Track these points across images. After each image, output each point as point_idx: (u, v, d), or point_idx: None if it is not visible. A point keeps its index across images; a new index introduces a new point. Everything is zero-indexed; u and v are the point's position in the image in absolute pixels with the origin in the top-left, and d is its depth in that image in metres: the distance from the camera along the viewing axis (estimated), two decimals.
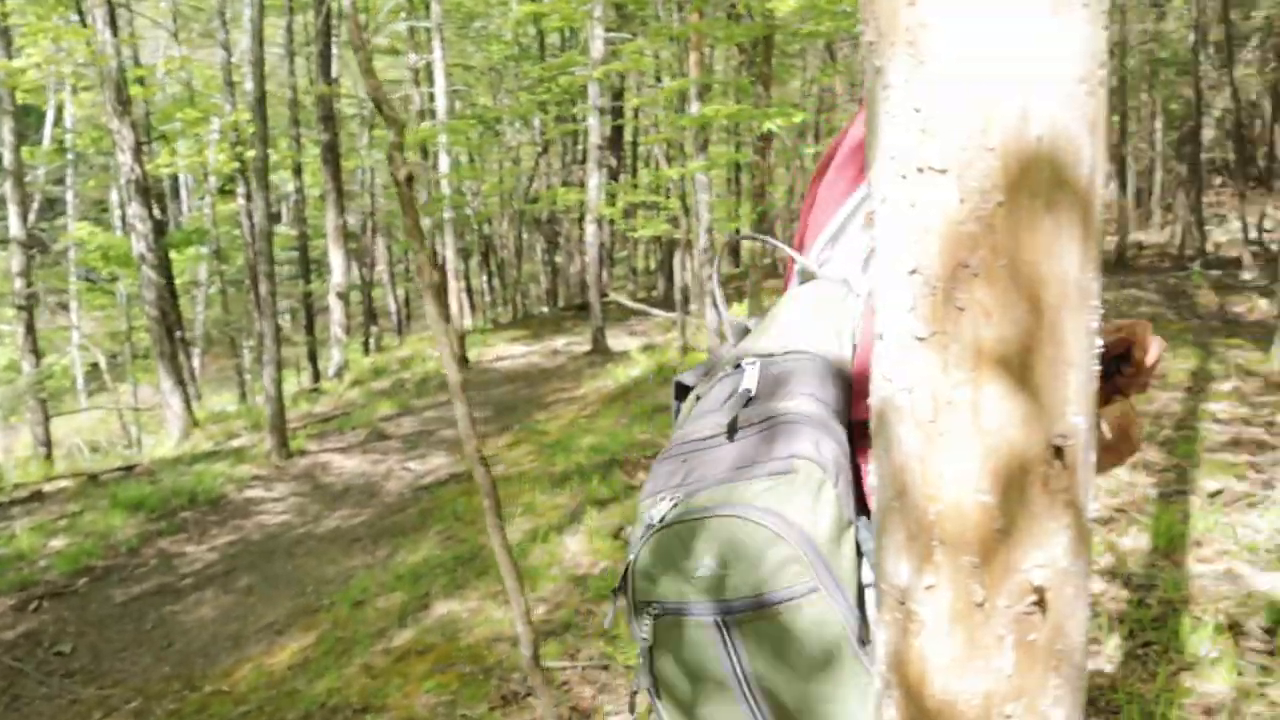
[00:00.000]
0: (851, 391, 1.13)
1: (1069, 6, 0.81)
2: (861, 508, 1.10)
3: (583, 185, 14.30)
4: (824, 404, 1.09)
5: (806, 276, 1.24)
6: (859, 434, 1.10)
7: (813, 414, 1.08)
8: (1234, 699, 3.20)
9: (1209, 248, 17.89)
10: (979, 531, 0.91)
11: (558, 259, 25.32)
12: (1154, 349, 1.20)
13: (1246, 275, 14.50)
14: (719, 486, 1.07)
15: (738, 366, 1.18)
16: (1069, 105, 0.82)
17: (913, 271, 0.88)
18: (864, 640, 1.04)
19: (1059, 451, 0.89)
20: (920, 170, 0.85)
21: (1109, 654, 3.53)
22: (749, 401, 1.12)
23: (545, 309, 24.14)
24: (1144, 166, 28.14)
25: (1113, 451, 1.18)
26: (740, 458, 1.08)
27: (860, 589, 1.05)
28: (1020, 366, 0.86)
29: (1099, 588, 4.09)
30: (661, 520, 1.09)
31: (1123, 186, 20.02)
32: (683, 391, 1.28)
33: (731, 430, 1.11)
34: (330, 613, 6.04)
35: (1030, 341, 0.86)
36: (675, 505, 1.10)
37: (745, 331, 1.27)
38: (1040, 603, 0.94)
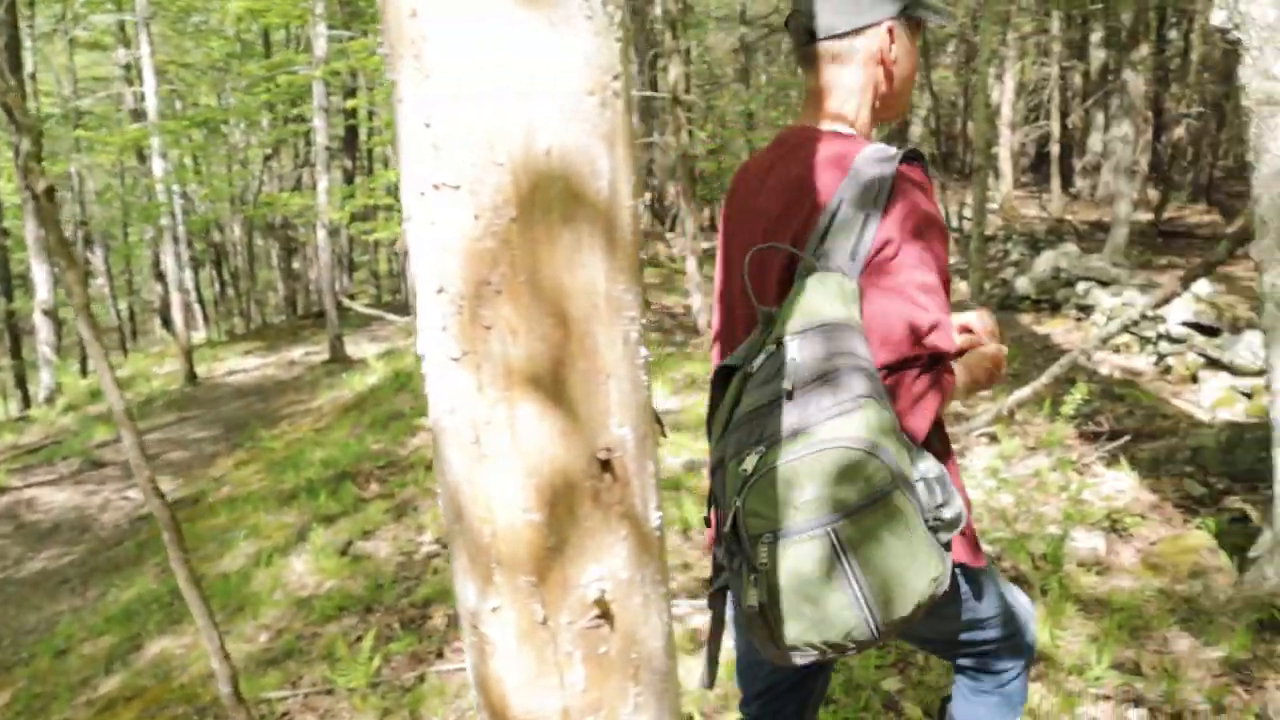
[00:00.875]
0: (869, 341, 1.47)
1: (568, 19, 0.80)
2: None
3: (314, 188, 13.75)
4: (859, 356, 1.41)
5: (809, 269, 1.51)
6: (890, 372, 1.49)
7: (856, 365, 1.40)
8: None
9: None
10: (532, 551, 0.90)
11: (295, 265, 24.23)
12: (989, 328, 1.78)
13: (951, 260, 15.83)
14: (801, 433, 1.38)
15: (779, 345, 1.46)
16: (578, 118, 0.82)
17: (439, 290, 0.85)
18: (924, 513, 1.42)
19: (606, 464, 0.89)
20: (436, 187, 0.82)
21: None
22: (798, 364, 1.41)
23: (283, 318, 23.04)
24: None
25: (986, 384, 1.72)
26: (813, 410, 1.38)
27: (912, 478, 1.42)
28: (553, 382, 0.85)
29: None
30: (755, 470, 1.39)
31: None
32: (724, 375, 1.58)
33: (790, 393, 1.40)
34: (29, 666, 5.47)
35: (561, 356, 0.85)
36: (760, 457, 1.39)
37: (769, 318, 1.53)
38: (605, 615, 0.94)
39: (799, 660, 1.43)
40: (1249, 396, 6.12)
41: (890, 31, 1.65)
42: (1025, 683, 1.96)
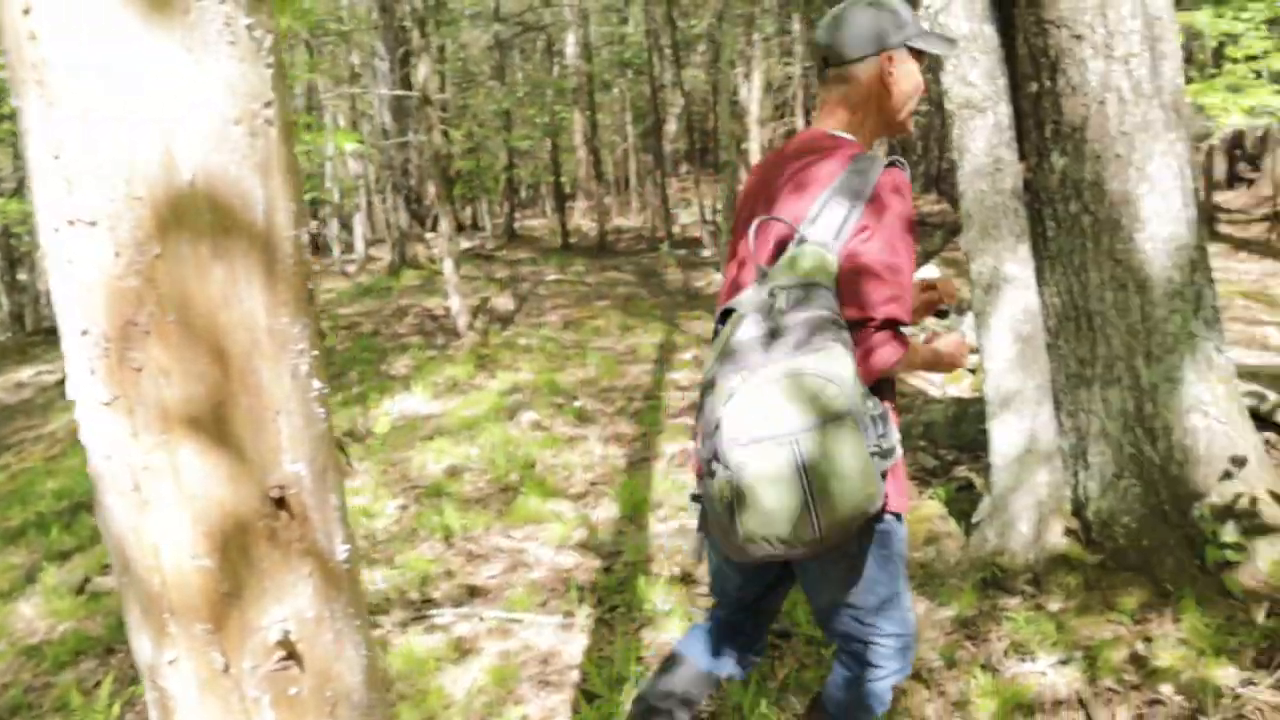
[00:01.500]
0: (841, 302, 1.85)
1: (207, 45, 0.77)
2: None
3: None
4: (833, 310, 1.81)
5: (801, 241, 1.90)
6: (853, 327, 1.84)
7: (829, 316, 1.79)
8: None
9: (676, 230, 19.99)
10: (206, 597, 0.86)
11: (20, 276, 22.07)
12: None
13: (706, 252, 16.46)
14: (779, 363, 1.75)
15: (771, 295, 1.83)
16: (225, 147, 0.79)
17: (84, 332, 0.80)
18: (868, 438, 1.76)
19: (281, 502, 0.87)
20: (71, 223, 0.77)
21: (582, 624, 3.78)
22: (783, 314, 1.79)
23: (8, 335, 20.94)
24: (619, 157, 30.73)
25: (948, 365, 2.15)
26: (792, 346, 1.76)
27: (862, 412, 1.75)
28: (215, 423, 0.82)
29: (572, 561, 4.39)
30: (740, 389, 1.75)
31: (599, 177, 21.74)
32: (726, 315, 1.93)
33: (774, 334, 1.78)
34: None
35: (222, 395, 0.82)
36: (745, 380, 1.75)
37: (764, 274, 1.89)
38: (293, 656, 0.91)
39: (755, 554, 1.79)
40: (974, 373, 6.70)
41: (889, 59, 2.05)
42: (891, 693, 2.23)
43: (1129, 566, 3.42)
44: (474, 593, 4.18)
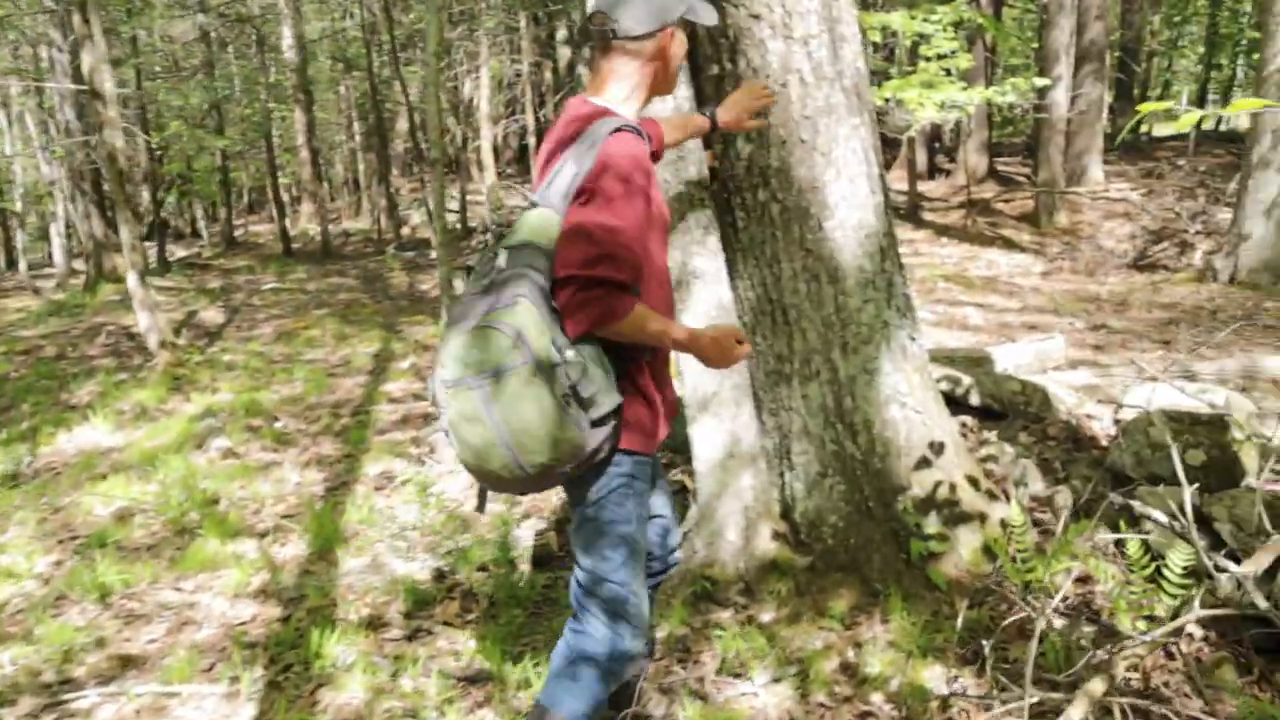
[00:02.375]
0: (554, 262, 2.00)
1: None
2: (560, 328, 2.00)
3: None
4: (538, 270, 1.98)
5: (531, 204, 2.08)
6: (557, 286, 1.98)
7: (529, 276, 1.97)
8: (367, 701, 3.13)
9: (406, 231, 19.23)
10: None
11: None
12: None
13: (435, 254, 15.85)
14: (483, 316, 1.95)
15: (494, 254, 2.06)
16: None
17: None
18: (553, 387, 1.92)
19: None
20: None
21: (249, 691, 3.25)
22: (501, 271, 2.01)
23: None
24: (347, 157, 29.41)
25: (708, 350, 2.18)
26: (494, 299, 1.96)
27: (552, 364, 1.92)
28: None
29: (250, 612, 3.83)
30: (453, 333, 2.00)
31: (320, 179, 20.56)
32: (470, 270, 2.15)
33: (488, 288, 2.00)
34: None
35: None
36: (455, 332, 2.00)
37: (499, 235, 2.09)
38: None
39: (485, 483, 2.12)
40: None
41: (670, 34, 2.15)
42: (602, 678, 2.25)
43: (839, 567, 3.29)
44: (127, 664, 3.54)
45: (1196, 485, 3.00)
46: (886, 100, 10.56)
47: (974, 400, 4.05)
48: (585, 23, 2.23)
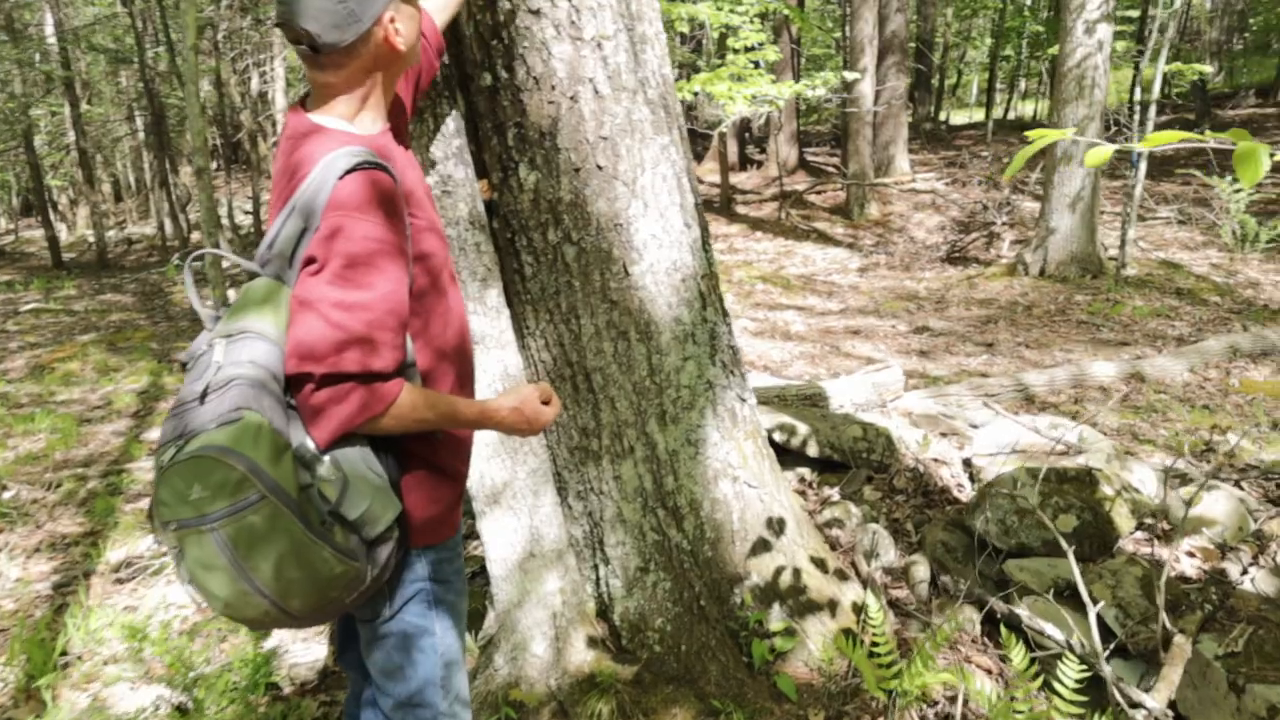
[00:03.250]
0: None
1: None
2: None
3: None
4: (264, 367, 1.54)
5: (251, 273, 1.64)
6: (292, 384, 1.57)
7: (254, 376, 1.52)
8: None
9: (195, 237, 17.68)
10: None
11: None
12: None
13: (226, 263, 14.50)
14: (197, 435, 1.48)
15: (210, 345, 1.59)
16: None
17: None
18: (307, 518, 1.52)
19: None
20: None
21: None
22: (219, 369, 1.54)
23: None
24: (131, 156, 27.08)
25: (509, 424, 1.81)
26: (211, 413, 1.49)
27: (300, 488, 1.53)
28: None
29: None
30: (169, 461, 1.50)
31: (91, 181, 18.59)
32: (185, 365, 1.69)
33: (204, 395, 1.52)
34: None
35: None
36: (175, 452, 1.49)
37: (218, 319, 1.65)
38: None
39: (251, 627, 1.81)
40: None
41: (390, 18, 1.67)
42: None
43: (669, 678, 2.72)
44: None
45: (1072, 550, 2.58)
46: (695, 94, 10.18)
47: (811, 450, 3.58)
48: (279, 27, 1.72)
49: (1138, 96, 8.93)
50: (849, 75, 11.45)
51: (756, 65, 11.18)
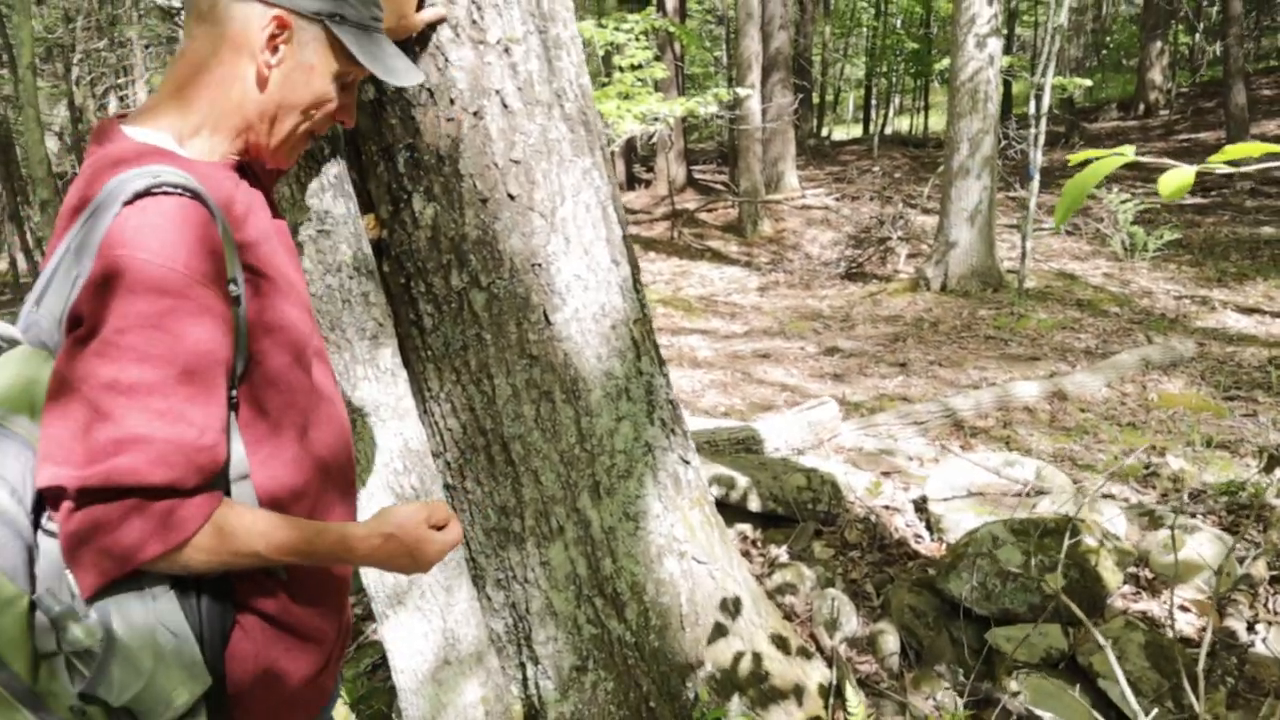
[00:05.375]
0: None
1: None
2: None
3: None
4: (15, 472, 1.09)
5: (12, 342, 1.18)
6: (48, 502, 1.09)
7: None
8: None
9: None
10: None
11: None
12: None
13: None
14: None
15: None
16: None
17: None
18: (42, 706, 1.07)
19: None
20: None
21: None
22: None
23: None
24: None
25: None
26: None
27: (37, 658, 1.07)
28: None
29: None
30: None
31: None
32: None
33: None
34: None
35: None
36: None
37: None
38: None
39: None
40: None
41: (281, 24, 1.21)
42: None
43: None
44: None
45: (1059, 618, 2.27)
46: None
47: (753, 504, 3.21)
48: None
49: (1031, 110, 8.94)
50: (741, 91, 11.27)
51: (644, 83, 10.91)
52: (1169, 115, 19.53)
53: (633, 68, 10.39)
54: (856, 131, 29.35)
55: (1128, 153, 1.15)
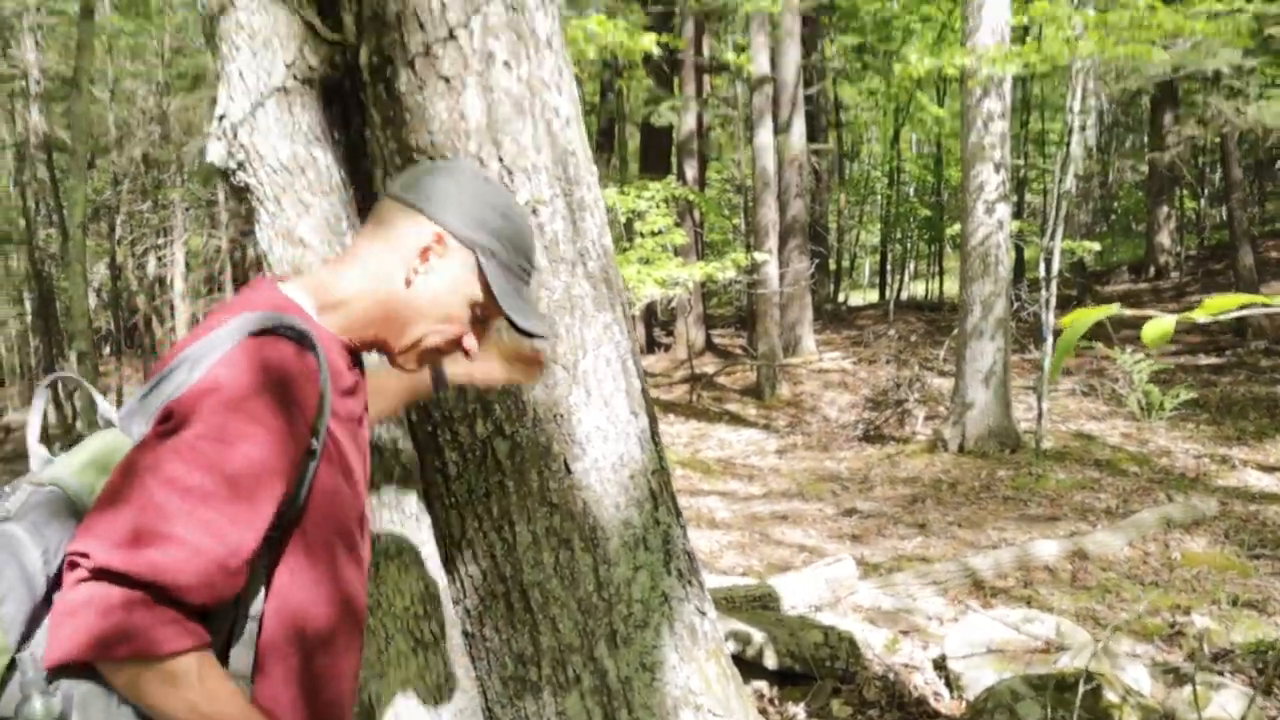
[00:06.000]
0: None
1: None
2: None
3: None
4: (43, 534, 1.16)
5: (108, 424, 1.28)
6: (67, 563, 1.11)
7: (17, 537, 1.15)
8: None
9: (80, 425, 16.75)
10: None
11: None
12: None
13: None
14: None
15: (14, 490, 1.22)
16: None
17: None
18: None
19: None
20: None
21: None
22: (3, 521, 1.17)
23: None
24: (15, 340, 26.10)
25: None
26: None
27: None
28: None
29: None
30: None
31: None
32: None
33: None
34: None
35: None
36: None
37: (46, 463, 1.28)
38: None
39: None
40: None
41: (439, 239, 1.36)
42: None
43: None
44: None
45: None
46: None
47: (769, 662, 3.17)
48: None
49: (1041, 273, 9.16)
50: (759, 256, 11.61)
51: (664, 248, 11.27)
52: (1179, 278, 19.88)
53: (653, 234, 10.75)
54: (873, 296, 29.90)
55: (1113, 309, 1.24)
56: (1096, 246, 10.95)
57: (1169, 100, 18.79)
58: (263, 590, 1.24)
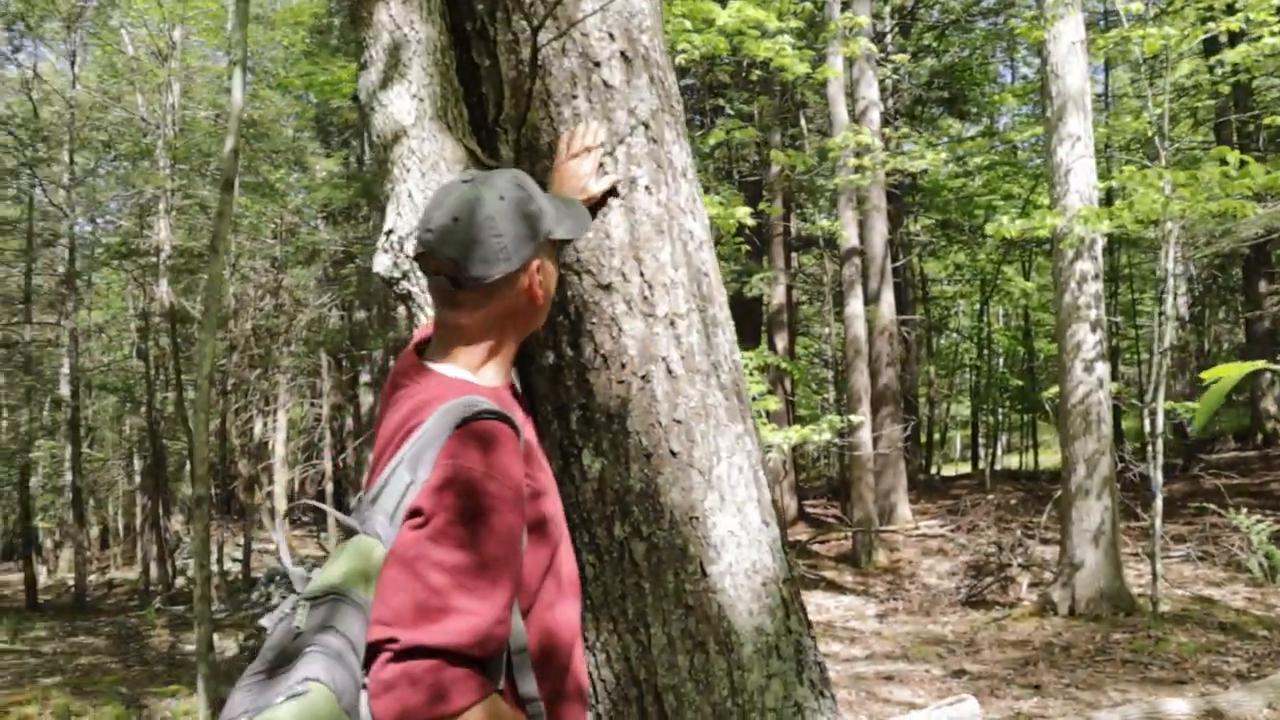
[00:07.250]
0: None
1: None
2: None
3: None
4: (343, 636, 1.34)
5: (350, 531, 1.47)
6: (369, 654, 1.34)
7: (330, 645, 1.32)
8: None
9: (180, 582, 17.12)
10: None
11: None
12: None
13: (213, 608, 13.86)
14: (261, 712, 1.26)
15: (294, 608, 1.40)
16: None
17: None
18: None
19: None
20: None
21: None
22: (297, 635, 1.34)
23: None
24: (124, 500, 26.97)
25: None
26: (281, 685, 1.29)
27: None
28: None
29: None
30: None
31: (82, 520, 18.29)
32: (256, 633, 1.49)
33: (275, 665, 1.32)
34: None
35: None
36: None
37: (306, 580, 1.46)
38: None
39: None
40: None
41: (538, 265, 1.64)
42: None
43: None
44: None
45: None
46: None
47: None
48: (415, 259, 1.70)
49: (1145, 428, 8.98)
50: (854, 418, 11.60)
51: (758, 414, 11.34)
52: None
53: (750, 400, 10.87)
54: (964, 468, 29.28)
55: (1261, 364, 1.28)
56: (1196, 405, 10.67)
57: (1263, 261, 18.62)
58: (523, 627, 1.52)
